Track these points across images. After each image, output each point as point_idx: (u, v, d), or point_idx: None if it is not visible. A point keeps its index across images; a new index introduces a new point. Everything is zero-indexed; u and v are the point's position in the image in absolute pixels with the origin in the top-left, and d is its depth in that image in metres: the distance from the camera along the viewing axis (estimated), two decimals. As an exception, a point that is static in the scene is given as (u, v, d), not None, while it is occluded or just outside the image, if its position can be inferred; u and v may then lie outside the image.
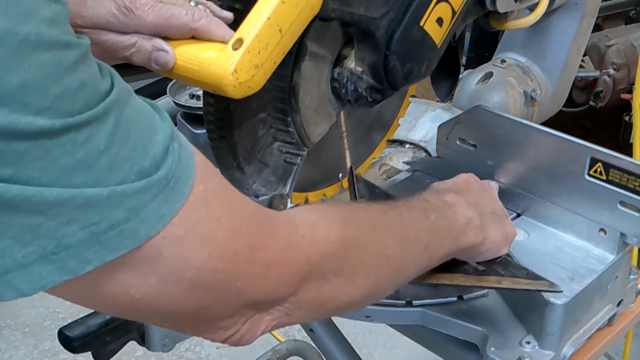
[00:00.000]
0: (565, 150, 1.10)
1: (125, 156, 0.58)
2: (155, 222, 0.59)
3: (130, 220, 0.58)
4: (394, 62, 0.99)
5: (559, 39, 1.34)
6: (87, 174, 0.56)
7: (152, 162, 0.59)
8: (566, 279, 1.06)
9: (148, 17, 0.83)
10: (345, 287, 0.77)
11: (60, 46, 0.56)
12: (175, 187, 0.61)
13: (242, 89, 0.79)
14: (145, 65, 0.86)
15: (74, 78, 0.56)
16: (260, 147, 0.99)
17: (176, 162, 0.61)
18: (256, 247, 0.66)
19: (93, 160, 0.56)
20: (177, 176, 0.61)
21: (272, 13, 0.79)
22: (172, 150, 0.61)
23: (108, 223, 0.57)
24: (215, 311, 0.67)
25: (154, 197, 0.59)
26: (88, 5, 0.83)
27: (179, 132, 0.65)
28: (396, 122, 1.29)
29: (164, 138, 0.61)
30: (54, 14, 0.57)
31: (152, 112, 0.64)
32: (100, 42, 0.84)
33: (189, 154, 0.64)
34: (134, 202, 0.58)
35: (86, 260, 0.57)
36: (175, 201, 0.60)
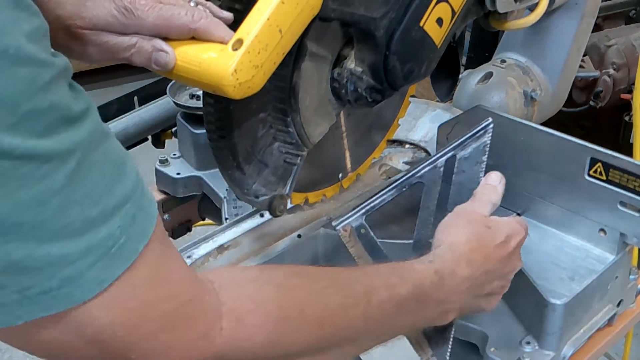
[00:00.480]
0: (565, 150, 1.10)
1: (76, 200, 0.59)
2: (92, 288, 0.60)
3: (65, 287, 0.59)
4: (393, 63, 0.99)
5: (559, 39, 1.34)
6: (37, 212, 0.57)
7: (99, 213, 0.60)
8: (566, 279, 1.06)
9: (148, 18, 0.82)
10: None
11: (37, 63, 0.57)
12: (119, 253, 0.61)
13: (242, 89, 0.79)
14: (146, 66, 0.85)
15: (45, 99, 0.57)
16: (260, 148, 0.99)
17: (124, 227, 0.61)
18: (163, 328, 0.65)
19: (47, 198, 0.57)
20: (122, 242, 0.61)
21: (272, 13, 0.79)
22: (123, 213, 0.62)
23: (40, 289, 0.58)
24: None
25: (91, 266, 0.59)
26: (88, 6, 0.83)
27: (147, 193, 0.65)
28: (396, 122, 1.28)
29: (122, 195, 0.62)
30: (33, 29, 0.57)
31: (123, 162, 0.64)
32: (100, 43, 0.84)
33: (148, 215, 0.64)
34: (71, 271, 0.59)
35: (17, 316, 0.59)
36: (117, 267, 0.61)
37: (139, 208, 0.64)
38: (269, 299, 0.73)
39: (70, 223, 0.58)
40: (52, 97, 0.57)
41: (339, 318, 0.79)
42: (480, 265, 0.93)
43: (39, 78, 0.56)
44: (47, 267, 0.58)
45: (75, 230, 0.59)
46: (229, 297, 0.71)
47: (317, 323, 0.77)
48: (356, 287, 0.82)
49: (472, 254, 0.93)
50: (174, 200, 1.53)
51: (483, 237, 0.95)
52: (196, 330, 0.67)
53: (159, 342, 0.65)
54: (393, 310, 0.84)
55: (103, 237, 0.60)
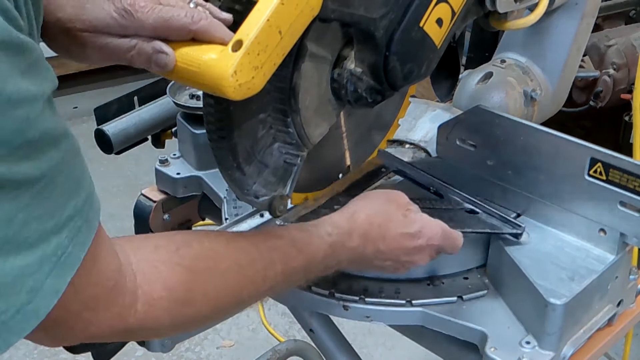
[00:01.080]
0: (565, 150, 1.10)
1: (36, 216, 0.64)
2: (52, 298, 0.68)
3: (32, 301, 0.66)
4: (393, 63, 0.99)
5: (559, 39, 1.34)
6: (5, 228, 0.62)
7: (53, 226, 0.66)
8: (566, 279, 1.06)
9: (148, 20, 0.82)
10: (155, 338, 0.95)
11: (31, 99, 0.61)
12: (67, 262, 0.68)
13: (242, 90, 0.79)
14: (146, 68, 0.86)
15: (37, 130, 0.61)
16: (260, 148, 0.99)
17: (70, 238, 0.68)
18: (88, 308, 0.75)
19: (14, 215, 0.62)
20: (69, 252, 0.68)
21: (272, 14, 0.79)
22: (72, 225, 0.68)
23: (14, 309, 0.65)
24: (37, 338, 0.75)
25: (48, 274, 0.66)
26: (87, 8, 0.83)
27: (94, 196, 0.72)
28: (396, 122, 1.29)
29: (74, 208, 0.68)
30: (28, 64, 0.60)
31: (82, 175, 0.70)
32: (101, 45, 0.85)
33: (91, 227, 0.71)
34: (32, 282, 0.65)
35: None
36: (67, 274, 0.68)
37: (85, 220, 0.70)
38: (179, 284, 0.82)
39: (29, 236, 0.64)
40: (41, 126, 0.62)
41: (236, 296, 0.89)
42: (373, 240, 0.99)
43: (32, 113, 0.60)
44: (15, 281, 0.64)
45: (31, 243, 0.65)
46: (144, 281, 0.79)
47: (216, 302, 0.87)
48: (256, 266, 0.90)
49: (369, 227, 0.99)
50: (174, 200, 1.53)
51: (391, 219, 1.01)
52: (113, 311, 0.76)
53: (81, 319, 0.75)
54: (283, 281, 0.94)
55: (54, 247, 0.66)
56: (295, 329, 2.68)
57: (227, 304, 0.89)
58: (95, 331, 0.77)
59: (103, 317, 0.76)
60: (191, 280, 0.83)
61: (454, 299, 1.10)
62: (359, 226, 0.99)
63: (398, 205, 1.03)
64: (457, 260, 1.15)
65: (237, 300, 0.90)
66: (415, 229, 1.01)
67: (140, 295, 0.78)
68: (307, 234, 0.96)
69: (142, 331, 0.82)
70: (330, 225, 0.98)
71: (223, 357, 2.69)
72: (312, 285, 1.12)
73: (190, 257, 0.84)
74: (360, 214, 1.00)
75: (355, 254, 0.99)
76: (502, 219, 1.15)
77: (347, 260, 1.00)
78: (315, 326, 1.39)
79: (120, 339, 0.83)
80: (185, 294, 0.82)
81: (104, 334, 0.78)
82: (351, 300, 1.11)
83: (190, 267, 0.83)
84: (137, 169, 3.49)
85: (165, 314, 0.81)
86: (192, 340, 2.67)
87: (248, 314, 2.77)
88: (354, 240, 0.98)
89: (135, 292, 0.78)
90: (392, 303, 1.10)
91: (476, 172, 1.23)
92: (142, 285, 0.79)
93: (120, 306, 0.77)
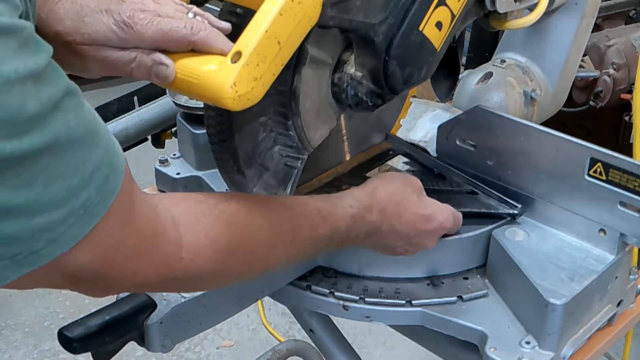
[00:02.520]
0: (565, 150, 1.10)
1: (59, 174, 0.65)
2: (69, 243, 0.69)
3: (48, 247, 0.68)
4: (393, 67, 0.99)
5: (559, 39, 1.34)
6: (28, 191, 0.64)
7: (79, 181, 0.67)
8: (566, 279, 1.06)
9: (147, 32, 0.83)
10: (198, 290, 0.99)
11: (28, 76, 0.62)
12: (93, 211, 0.70)
13: (242, 101, 0.79)
14: (146, 79, 0.86)
15: (38, 101, 0.62)
16: (261, 151, 0.99)
17: (98, 189, 0.69)
18: (131, 258, 0.76)
19: (34, 178, 0.64)
20: (96, 202, 0.70)
21: (270, 25, 0.79)
22: (99, 176, 0.69)
23: (29, 252, 0.67)
24: (87, 289, 0.79)
25: (70, 226, 0.68)
26: (86, 22, 0.84)
27: (114, 142, 0.72)
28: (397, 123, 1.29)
29: (97, 159, 0.69)
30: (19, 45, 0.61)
31: (96, 125, 0.70)
32: (100, 58, 0.85)
33: (118, 173, 0.72)
34: (53, 234, 0.67)
35: (5, 277, 0.68)
36: (91, 223, 0.70)
37: (111, 168, 0.71)
38: (221, 235, 0.85)
39: (56, 195, 0.66)
40: (42, 97, 0.63)
41: (269, 253, 0.92)
42: (390, 217, 1.02)
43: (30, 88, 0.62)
44: (36, 235, 0.66)
45: (60, 200, 0.66)
46: (188, 231, 0.81)
47: (252, 256, 0.91)
48: (285, 228, 0.93)
49: (388, 204, 1.03)
50: (174, 200, 1.53)
51: (408, 200, 1.05)
52: (158, 259, 0.78)
53: (127, 270, 0.77)
54: (310, 247, 0.97)
55: (83, 201, 0.68)
56: (295, 329, 2.68)
57: (262, 260, 0.92)
58: (142, 280, 0.79)
59: (148, 265, 0.78)
60: (231, 233, 0.86)
61: (454, 299, 1.10)
62: (379, 202, 1.02)
63: (413, 188, 1.07)
64: (457, 260, 1.15)
65: (270, 258, 0.93)
66: (429, 212, 1.05)
67: (184, 244, 0.80)
68: (332, 204, 0.98)
69: (187, 281, 0.84)
70: (352, 198, 1.01)
71: (223, 357, 2.69)
72: (312, 285, 1.12)
73: (229, 212, 0.87)
74: (380, 190, 1.03)
75: (373, 228, 1.02)
76: (500, 199, 1.17)
77: (365, 234, 1.02)
78: (315, 326, 1.39)
79: (167, 288, 0.89)
80: (227, 245, 0.85)
81: (151, 282, 0.80)
82: (351, 300, 1.11)
83: (229, 221, 0.86)
84: (137, 169, 3.48)
85: (209, 262, 0.83)
86: (192, 340, 2.67)
87: (248, 314, 2.77)
88: (373, 214, 1.01)
89: (179, 241, 0.80)
90: (392, 303, 1.10)
91: (476, 172, 1.23)
92: (185, 235, 0.81)
93: (164, 255, 0.79)
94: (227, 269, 0.87)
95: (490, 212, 1.17)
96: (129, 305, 1.02)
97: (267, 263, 0.95)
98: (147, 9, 0.84)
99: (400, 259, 1.09)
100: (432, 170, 1.26)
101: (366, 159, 1.27)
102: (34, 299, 2.89)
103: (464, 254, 1.15)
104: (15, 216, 0.64)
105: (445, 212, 1.07)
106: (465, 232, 1.13)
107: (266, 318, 2.72)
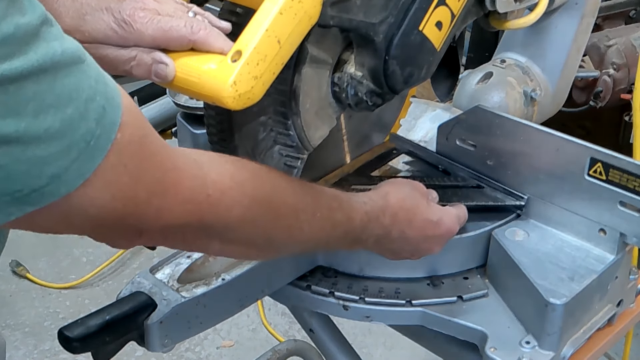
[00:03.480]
0: (565, 150, 1.10)
1: (50, 103, 0.61)
2: (76, 180, 0.65)
3: (52, 183, 0.63)
4: (393, 67, 0.99)
5: (559, 39, 1.34)
6: (17, 120, 0.60)
7: (74, 110, 0.63)
8: (566, 279, 1.06)
9: (147, 31, 0.83)
10: (228, 250, 0.88)
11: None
12: (97, 145, 0.65)
13: (242, 100, 0.79)
14: (146, 78, 0.86)
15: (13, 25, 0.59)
16: (261, 150, 0.99)
17: (97, 120, 0.65)
18: (155, 193, 0.72)
19: (22, 108, 0.60)
20: (98, 134, 0.65)
21: (271, 24, 0.79)
22: (95, 107, 0.65)
23: (30, 189, 0.63)
24: (112, 235, 0.76)
25: (73, 160, 0.64)
26: (87, 20, 0.84)
27: (104, 74, 0.68)
28: (397, 122, 1.29)
29: (89, 87, 0.64)
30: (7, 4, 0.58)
31: (82, 53, 0.66)
32: (100, 56, 0.85)
33: (115, 105, 0.67)
34: (55, 169, 0.63)
35: (9, 213, 0.64)
36: (96, 158, 0.66)
37: (106, 99, 0.66)
38: (246, 181, 0.81)
39: (50, 126, 0.62)
40: (20, 19, 0.59)
41: (293, 219, 0.89)
42: (400, 223, 1.01)
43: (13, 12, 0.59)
44: (33, 168, 0.62)
45: (56, 131, 0.62)
46: (212, 171, 0.78)
47: (277, 216, 0.86)
48: (307, 199, 0.91)
49: (399, 210, 1.01)
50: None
51: (418, 205, 1.04)
52: (184, 194, 0.74)
53: (152, 206, 0.72)
54: (329, 228, 0.94)
55: (83, 133, 0.64)
56: (295, 329, 2.68)
57: (287, 222, 0.89)
58: (169, 217, 0.74)
59: (173, 201, 0.74)
60: (257, 183, 0.83)
61: (454, 299, 1.10)
62: (392, 206, 1.01)
63: (421, 194, 1.07)
64: (457, 260, 1.15)
65: (294, 223, 0.89)
66: (437, 217, 1.05)
67: (209, 183, 0.77)
68: (347, 195, 0.98)
69: (215, 226, 0.80)
70: (365, 197, 1.01)
71: (223, 357, 2.69)
72: (312, 285, 1.12)
73: (252, 167, 0.85)
74: (392, 195, 1.02)
75: (385, 232, 1.01)
76: (506, 191, 1.18)
77: (376, 237, 1.00)
78: (315, 326, 1.39)
79: (195, 234, 0.80)
80: (252, 192, 0.81)
81: (180, 220, 0.75)
82: (351, 300, 1.11)
83: (254, 172, 0.84)
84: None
85: (238, 205, 0.80)
86: (192, 340, 2.67)
87: (248, 314, 2.77)
88: (386, 218, 1.00)
89: (204, 178, 0.76)
90: (392, 303, 1.10)
91: (476, 172, 1.23)
92: (209, 174, 0.77)
93: (189, 189, 0.75)
94: (254, 218, 0.83)
95: (497, 205, 1.17)
96: (129, 305, 1.02)
97: (292, 227, 0.90)
98: (147, 8, 0.84)
99: (400, 259, 1.09)
100: (436, 167, 1.27)
101: (371, 158, 1.27)
102: (34, 299, 2.89)
103: (464, 254, 1.15)
104: (5, 146, 0.60)
105: (452, 216, 1.07)
106: (472, 228, 1.14)
107: (266, 318, 2.72)
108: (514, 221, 1.18)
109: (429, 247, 1.06)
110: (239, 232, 0.83)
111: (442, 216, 1.06)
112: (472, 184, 1.22)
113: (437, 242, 1.06)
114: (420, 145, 1.31)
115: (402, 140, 1.32)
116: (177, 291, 1.06)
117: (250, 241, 0.87)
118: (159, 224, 0.75)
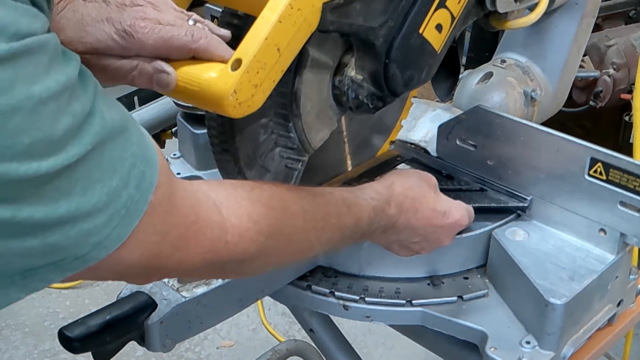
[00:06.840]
0: (565, 150, 1.10)
1: (97, 179, 0.65)
2: (114, 245, 0.68)
3: (94, 251, 0.67)
4: (393, 70, 0.98)
5: (559, 39, 1.34)
6: (68, 201, 0.63)
7: (119, 181, 0.67)
8: (566, 279, 1.06)
9: (148, 40, 0.83)
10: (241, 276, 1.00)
11: (60, 91, 0.61)
12: (135, 209, 0.69)
13: (242, 108, 0.80)
14: (148, 87, 0.86)
15: (70, 115, 0.62)
16: (262, 153, 0.99)
17: (137, 185, 0.69)
18: (178, 248, 0.76)
19: (72, 189, 0.63)
20: (137, 199, 0.69)
21: (270, 33, 0.79)
22: (136, 172, 0.69)
23: (73, 257, 0.66)
24: (132, 279, 0.83)
25: (114, 227, 0.67)
26: (88, 31, 0.83)
27: (144, 134, 0.71)
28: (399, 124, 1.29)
29: (132, 155, 0.68)
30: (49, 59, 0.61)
31: (126, 120, 0.69)
32: (102, 66, 0.85)
33: (152, 165, 0.71)
34: (98, 237, 0.67)
35: (49, 279, 0.68)
36: (133, 221, 0.69)
37: (146, 163, 0.70)
38: (262, 217, 0.85)
39: (98, 200, 0.65)
40: (74, 109, 0.62)
41: (303, 240, 0.93)
42: (406, 212, 1.03)
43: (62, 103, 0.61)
44: (80, 241, 0.65)
45: (102, 204, 0.66)
46: (231, 214, 0.82)
47: (289, 242, 0.91)
48: (316, 215, 0.94)
49: (405, 199, 1.03)
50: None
51: (424, 195, 1.06)
52: (204, 245, 0.79)
53: (174, 259, 0.76)
54: (338, 235, 0.97)
55: (124, 200, 0.68)
56: (295, 329, 2.68)
57: (298, 245, 0.93)
58: (188, 267, 0.79)
59: (194, 253, 0.78)
60: (271, 216, 0.86)
61: (454, 298, 1.10)
62: (397, 196, 1.03)
63: (429, 185, 1.08)
64: (457, 260, 1.15)
65: (305, 243, 0.94)
66: (445, 208, 1.06)
67: (229, 228, 0.81)
68: (354, 195, 1.00)
69: (231, 264, 0.84)
70: (372, 190, 1.02)
71: (223, 357, 2.69)
72: (312, 285, 1.12)
73: (266, 197, 0.88)
74: (397, 185, 1.04)
75: (391, 222, 1.02)
76: (509, 193, 1.19)
77: (383, 228, 1.02)
78: (315, 326, 1.39)
79: (210, 273, 0.89)
80: (267, 228, 0.85)
81: (197, 268, 0.80)
82: (351, 300, 1.11)
83: (268, 204, 0.87)
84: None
85: (253, 245, 0.84)
86: (192, 340, 2.67)
87: (248, 314, 2.77)
88: (392, 208, 1.02)
89: (223, 225, 0.80)
90: (392, 303, 1.10)
91: (476, 172, 1.23)
92: (229, 218, 0.81)
93: (210, 240, 0.79)
94: (268, 251, 0.87)
95: (501, 206, 1.18)
96: (129, 305, 1.02)
97: (303, 249, 0.95)
98: (147, 17, 0.83)
99: (400, 259, 1.09)
100: (440, 172, 1.27)
101: (375, 164, 1.27)
102: (34, 299, 2.89)
103: (464, 254, 1.15)
104: (58, 226, 0.63)
105: (460, 209, 1.09)
106: (472, 228, 1.14)
107: (266, 318, 2.72)
108: (514, 221, 1.18)
109: (438, 238, 1.07)
110: (253, 265, 0.89)
111: (451, 207, 1.07)
112: (475, 187, 1.23)
113: (446, 233, 1.07)
114: (424, 153, 1.31)
115: (405, 147, 1.33)
116: (178, 291, 1.06)
117: (263, 269, 0.94)
118: (178, 271, 0.80)
